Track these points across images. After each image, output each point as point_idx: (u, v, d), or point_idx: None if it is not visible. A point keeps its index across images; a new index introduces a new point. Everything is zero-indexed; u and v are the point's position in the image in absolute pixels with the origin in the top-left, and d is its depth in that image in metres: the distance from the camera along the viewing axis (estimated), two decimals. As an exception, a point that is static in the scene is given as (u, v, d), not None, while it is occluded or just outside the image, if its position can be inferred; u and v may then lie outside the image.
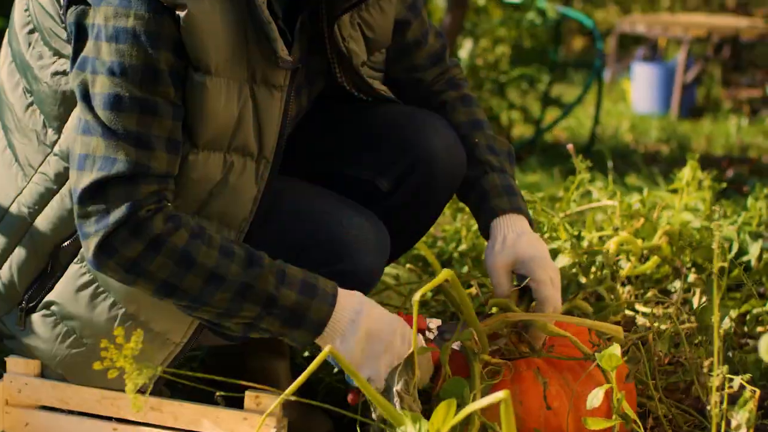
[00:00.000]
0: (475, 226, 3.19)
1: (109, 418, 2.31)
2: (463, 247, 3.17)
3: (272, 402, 2.20)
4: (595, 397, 1.85)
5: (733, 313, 2.73)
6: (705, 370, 1.82)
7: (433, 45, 2.48)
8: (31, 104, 2.15)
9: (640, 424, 1.92)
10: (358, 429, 2.10)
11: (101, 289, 2.15)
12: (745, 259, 3.02)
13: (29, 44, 2.14)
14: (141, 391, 2.27)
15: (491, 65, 6.30)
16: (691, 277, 2.75)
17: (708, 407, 1.91)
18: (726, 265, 2.91)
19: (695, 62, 8.38)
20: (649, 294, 2.79)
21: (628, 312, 2.70)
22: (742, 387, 1.83)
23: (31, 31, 2.13)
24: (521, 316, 2.15)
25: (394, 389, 1.98)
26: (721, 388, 1.77)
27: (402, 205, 2.34)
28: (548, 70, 6.84)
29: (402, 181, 2.33)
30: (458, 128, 2.41)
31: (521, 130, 6.59)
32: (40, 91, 2.13)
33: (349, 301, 2.07)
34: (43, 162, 2.15)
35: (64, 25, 2.04)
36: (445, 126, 2.37)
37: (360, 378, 1.84)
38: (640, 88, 8.38)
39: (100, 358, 2.17)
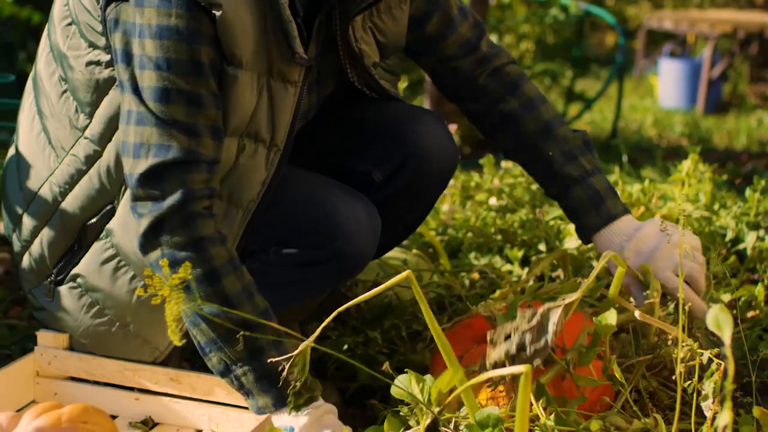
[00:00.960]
0: (483, 215, 3.33)
1: (131, 389, 2.47)
2: (470, 234, 3.29)
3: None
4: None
5: (725, 298, 2.86)
6: (669, 342, 1.93)
7: (464, 35, 2.53)
8: (65, 91, 2.32)
9: (626, 386, 2.04)
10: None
11: (122, 264, 2.32)
12: (741, 247, 3.13)
13: (66, 36, 2.30)
14: (164, 363, 2.44)
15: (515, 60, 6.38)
16: (684, 261, 2.86)
17: (685, 382, 2.02)
18: (722, 252, 3.05)
19: (722, 58, 8.42)
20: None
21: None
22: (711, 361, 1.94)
23: (69, 24, 2.30)
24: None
25: None
26: (687, 360, 1.89)
27: (394, 197, 2.48)
28: (571, 65, 6.93)
29: (395, 175, 2.48)
30: (530, 138, 2.49)
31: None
32: (74, 79, 2.29)
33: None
34: (74, 145, 2.32)
35: (100, 19, 2.20)
36: (438, 124, 2.51)
37: None
38: (666, 83, 8.43)
39: (120, 329, 2.35)
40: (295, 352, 1.91)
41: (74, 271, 2.38)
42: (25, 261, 2.45)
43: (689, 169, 3.25)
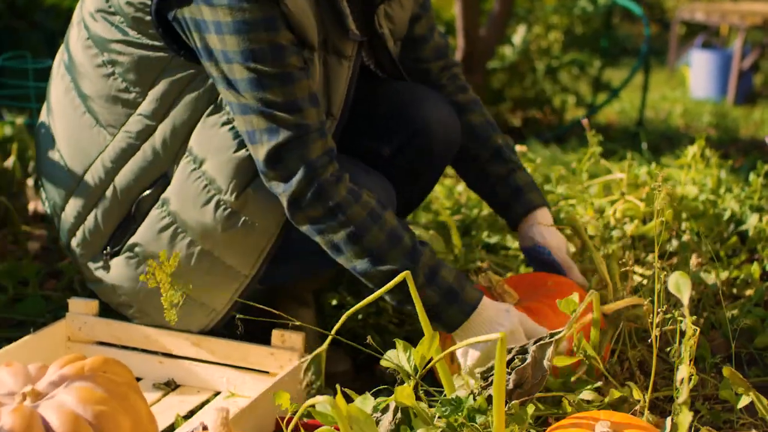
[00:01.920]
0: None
1: (155, 353, 2.63)
2: (484, 212, 3.42)
3: (297, 339, 2.50)
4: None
5: (723, 275, 2.98)
6: (645, 308, 2.04)
7: (438, 41, 2.80)
8: (112, 74, 2.46)
9: (599, 359, 2.17)
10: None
11: (180, 230, 2.47)
12: (743, 228, 3.24)
13: (111, 24, 2.43)
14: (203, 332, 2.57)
15: (544, 50, 6.49)
16: (685, 237, 2.97)
17: (668, 349, 2.14)
18: (723, 232, 3.16)
19: (753, 49, 8.47)
20: (649, 257, 3.03)
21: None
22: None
23: (112, 14, 2.43)
24: None
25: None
26: (662, 325, 2.01)
27: (402, 171, 2.64)
28: (600, 55, 7.02)
29: (401, 150, 2.63)
30: (476, 128, 2.75)
31: (573, 113, 6.77)
32: (124, 63, 2.44)
33: (486, 316, 2.33)
34: (126, 122, 2.47)
35: (148, 10, 2.35)
36: (443, 101, 2.67)
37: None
38: (698, 74, 8.48)
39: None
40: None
41: (131, 241, 2.52)
42: (78, 236, 2.58)
43: (695, 154, 3.36)
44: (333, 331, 2.08)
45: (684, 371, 1.68)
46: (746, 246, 3.20)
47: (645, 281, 2.86)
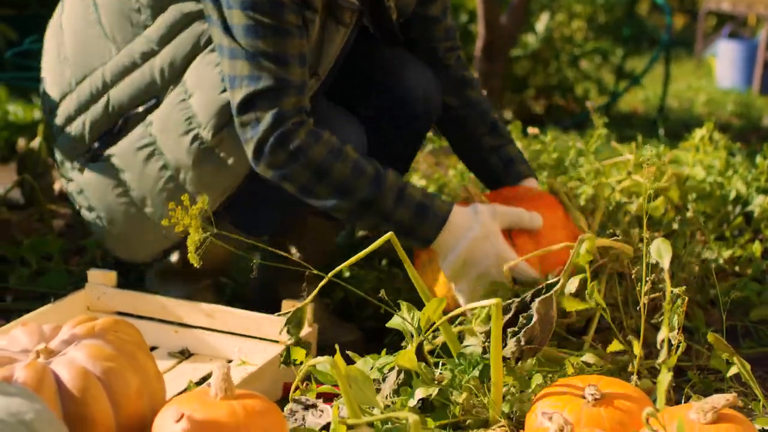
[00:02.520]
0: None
1: (170, 323, 2.71)
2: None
3: (306, 309, 2.58)
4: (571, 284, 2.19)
5: (726, 254, 3.04)
6: (633, 276, 2.11)
7: (449, 23, 2.88)
8: None
9: (608, 310, 2.24)
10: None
11: (156, 152, 2.59)
12: (749, 209, 3.30)
13: None
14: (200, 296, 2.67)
15: (567, 38, 6.54)
16: (689, 215, 3.03)
17: (657, 315, 2.22)
18: (729, 213, 3.22)
19: (779, 39, 8.48)
20: (656, 234, 3.10)
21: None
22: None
23: None
24: None
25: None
26: (649, 293, 2.08)
27: (384, 132, 2.74)
28: (622, 44, 7.07)
29: (384, 111, 2.74)
30: (478, 104, 2.86)
31: (596, 102, 6.80)
32: None
33: (459, 223, 2.45)
34: (132, 41, 2.60)
35: None
36: (424, 66, 2.78)
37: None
38: (724, 64, 8.51)
39: (138, 212, 2.62)
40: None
41: (109, 151, 2.64)
42: (65, 135, 2.71)
43: (703, 137, 3.42)
44: (330, 275, 2.15)
45: (664, 333, 1.75)
46: (751, 226, 3.27)
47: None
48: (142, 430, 1.81)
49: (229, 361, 2.63)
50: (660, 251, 1.88)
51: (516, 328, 2.13)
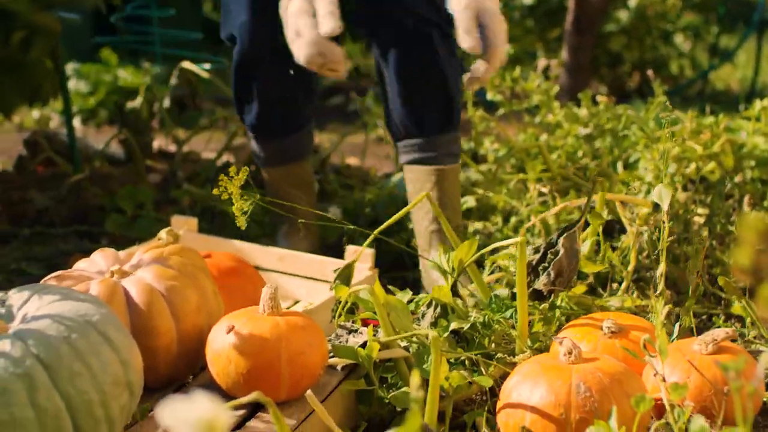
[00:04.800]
0: (571, 142, 3.68)
1: (245, 265, 2.95)
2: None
3: (368, 254, 2.80)
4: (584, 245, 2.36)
5: (774, 219, 3.16)
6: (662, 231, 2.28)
7: None
8: None
9: (628, 272, 2.42)
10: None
11: None
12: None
13: None
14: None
15: (660, 14, 6.61)
16: (737, 179, 3.16)
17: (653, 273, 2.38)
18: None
19: None
20: (708, 198, 3.24)
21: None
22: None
23: None
24: None
25: None
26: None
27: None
28: (717, 21, 7.12)
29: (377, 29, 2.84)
30: None
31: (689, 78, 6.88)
32: None
33: None
34: None
35: None
36: None
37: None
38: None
39: None
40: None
41: None
42: None
43: (765, 107, 3.53)
44: (376, 232, 2.35)
45: (662, 268, 1.91)
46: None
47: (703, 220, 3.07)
48: (199, 341, 2.05)
49: (297, 302, 2.86)
50: (661, 195, 2.04)
51: (546, 264, 2.30)
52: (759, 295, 0.90)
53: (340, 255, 2.93)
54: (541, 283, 2.27)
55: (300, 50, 2.35)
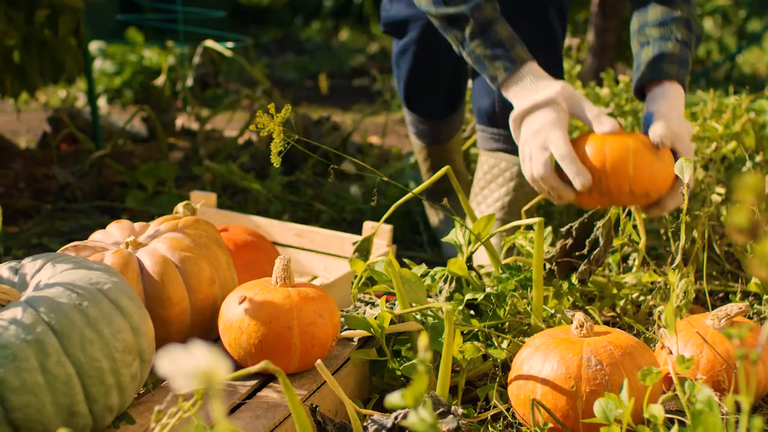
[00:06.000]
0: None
1: (263, 240, 2.96)
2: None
3: (385, 230, 2.80)
4: None
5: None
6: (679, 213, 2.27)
7: None
8: None
9: (642, 246, 2.41)
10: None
11: None
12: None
13: None
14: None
15: (687, -3, 6.57)
16: (758, 158, 3.14)
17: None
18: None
19: None
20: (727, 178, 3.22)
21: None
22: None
23: None
24: None
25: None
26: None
27: None
28: (745, 5, 7.07)
29: None
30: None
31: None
32: None
33: (531, 77, 2.42)
34: None
35: None
36: None
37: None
38: None
39: None
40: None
41: None
42: None
43: (788, 87, 3.52)
44: (392, 209, 2.35)
45: (681, 241, 1.91)
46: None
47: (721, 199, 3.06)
48: (213, 311, 2.06)
49: (315, 277, 2.87)
50: (682, 168, 2.04)
51: (584, 252, 2.30)
52: (754, 254, 0.90)
53: (359, 232, 2.94)
54: (582, 274, 2.28)
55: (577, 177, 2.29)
